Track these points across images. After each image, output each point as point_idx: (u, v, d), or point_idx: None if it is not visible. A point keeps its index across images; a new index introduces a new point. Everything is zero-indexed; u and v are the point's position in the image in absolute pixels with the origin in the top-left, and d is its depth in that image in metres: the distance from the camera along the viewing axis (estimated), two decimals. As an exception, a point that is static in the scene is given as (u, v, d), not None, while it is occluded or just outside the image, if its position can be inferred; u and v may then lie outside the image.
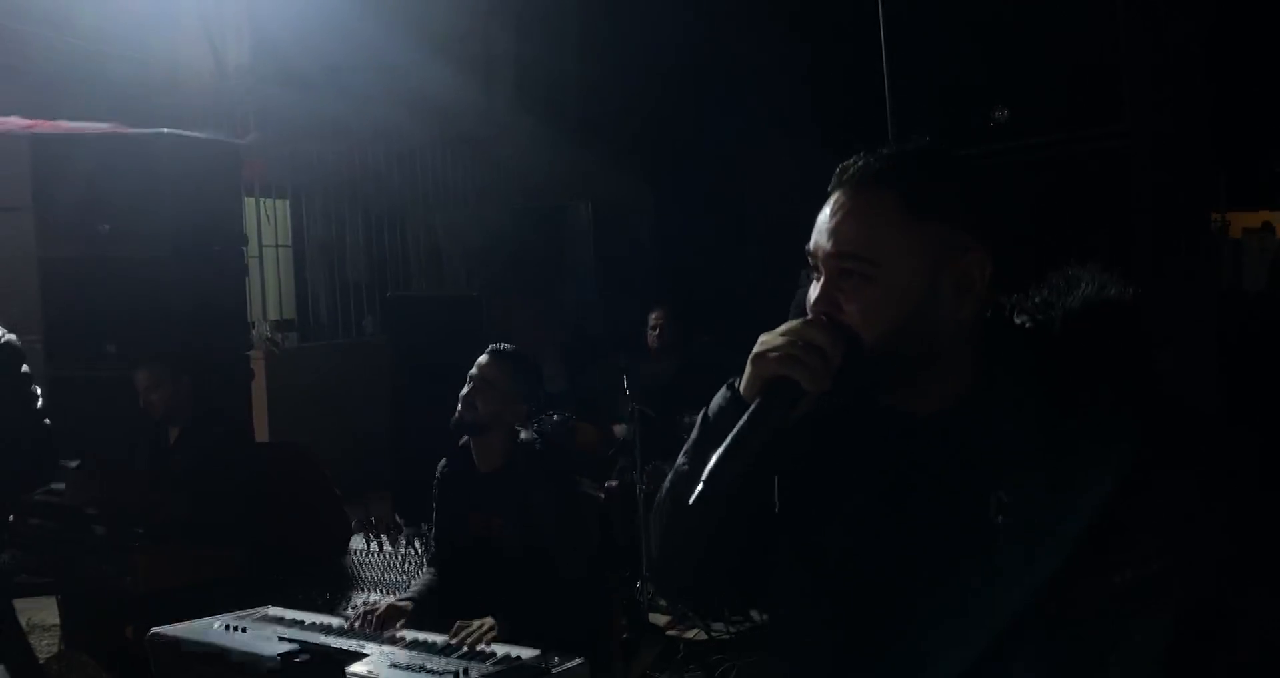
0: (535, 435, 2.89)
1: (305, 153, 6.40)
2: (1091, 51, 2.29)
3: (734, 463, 1.08)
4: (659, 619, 4.45)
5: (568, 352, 6.16)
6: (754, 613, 4.55)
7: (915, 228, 1.13)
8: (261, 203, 6.41)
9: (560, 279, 6.34)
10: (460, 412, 2.80)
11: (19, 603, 3.35)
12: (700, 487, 1.08)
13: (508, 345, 2.91)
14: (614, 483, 3.06)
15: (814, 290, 1.17)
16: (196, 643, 2.42)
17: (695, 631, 4.39)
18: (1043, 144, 2.46)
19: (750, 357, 1.15)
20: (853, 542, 1.18)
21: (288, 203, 6.78)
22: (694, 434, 1.21)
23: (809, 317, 1.17)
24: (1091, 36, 2.25)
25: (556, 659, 2.32)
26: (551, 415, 4.64)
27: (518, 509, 2.73)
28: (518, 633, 2.46)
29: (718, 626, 4.42)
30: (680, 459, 1.22)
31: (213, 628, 2.50)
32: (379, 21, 6.02)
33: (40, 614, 4.18)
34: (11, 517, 3.29)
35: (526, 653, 2.34)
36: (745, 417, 1.11)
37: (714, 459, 1.08)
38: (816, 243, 1.17)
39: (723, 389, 1.19)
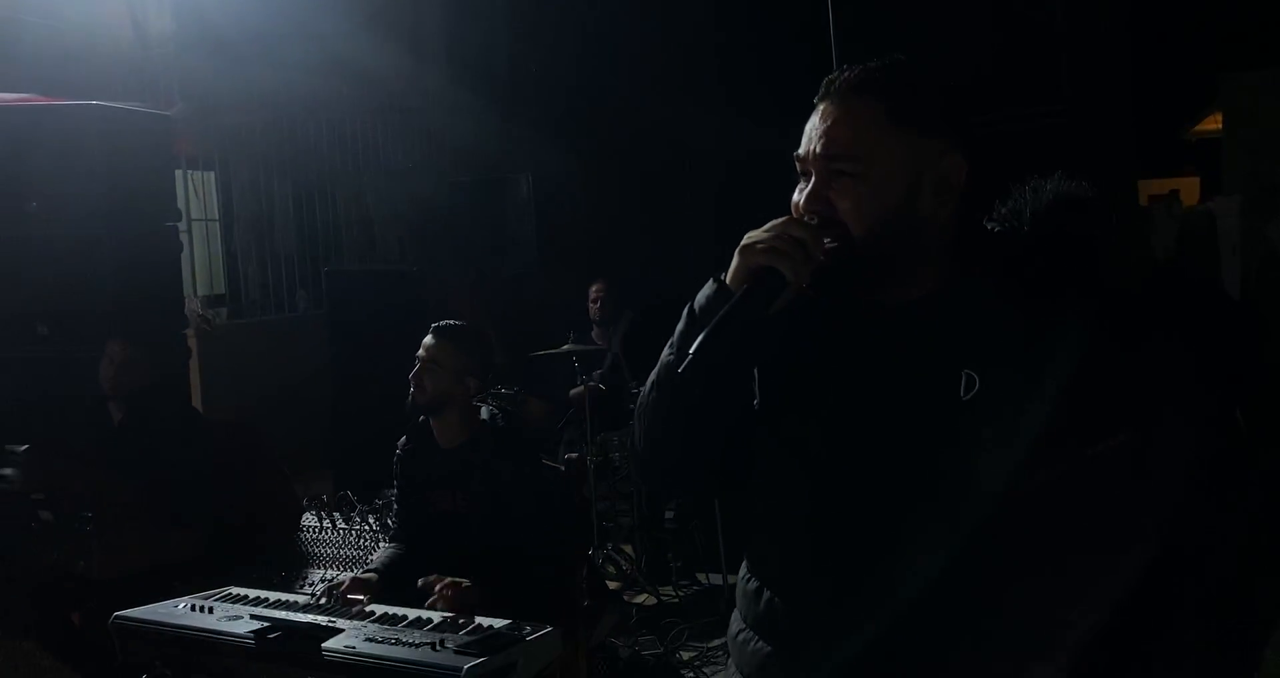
0: (495, 411, 2.92)
1: (231, 124, 6.23)
2: (1031, 33, 2.39)
3: (719, 341, 1.16)
4: (610, 586, 4.54)
5: (506, 325, 6.16)
6: (701, 577, 4.67)
7: (898, 133, 1.24)
8: (189, 176, 6.23)
9: (499, 252, 6.32)
10: (412, 394, 2.83)
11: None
12: (687, 358, 1.18)
13: (452, 321, 2.92)
14: (573, 455, 3.11)
15: (800, 193, 1.28)
16: (164, 625, 2.39)
17: (645, 596, 4.49)
18: (983, 121, 2.56)
19: (737, 248, 1.24)
20: (832, 428, 1.28)
21: (215, 175, 6.59)
22: (680, 326, 1.29)
23: (792, 216, 1.26)
24: (1030, 18, 2.36)
25: (529, 628, 2.37)
26: (500, 390, 4.66)
27: (482, 485, 2.76)
28: (485, 604, 2.50)
29: (666, 590, 4.53)
30: (665, 351, 1.30)
31: (177, 609, 2.48)
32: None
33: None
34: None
35: (499, 622, 2.38)
36: (730, 302, 1.20)
37: (700, 336, 1.17)
38: (807, 148, 1.27)
39: (708, 282, 1.27)
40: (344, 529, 3.66)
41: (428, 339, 2.85)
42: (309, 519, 3.74)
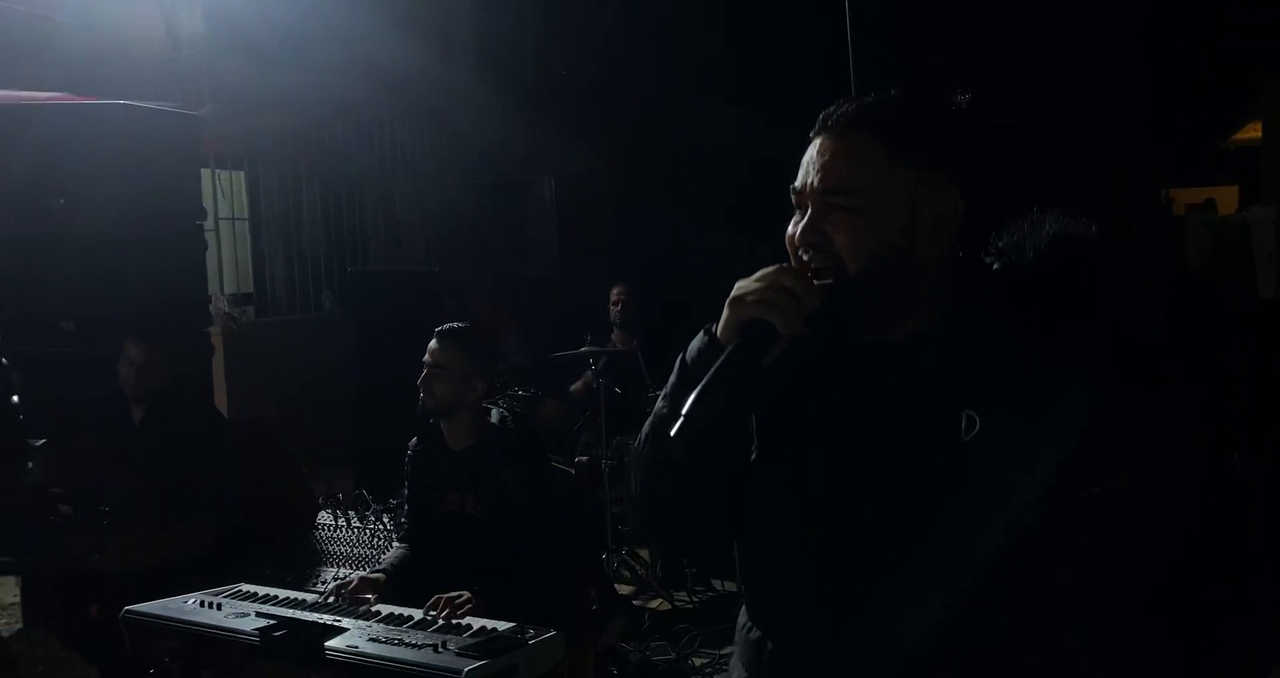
0: (505, 414, 2.92)
1: (261, 125, 6.30)
2: (1048, 41, 2.36)
3: (711, 399, 1.15)
4: (623, 590, 4.53)
5: (527, 326, 6.17)
6: (716, 583, 4.65)
7: (895, 168, 1.24)
8: (217, 175, 6.30)
9: (520, 253, 6.34)
10: (422, 399, 2.84)
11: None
12: (680, 420, 1.16)
13: (456, 324, 2.92)
14: (584, 458, 3.10)
15: (794, 226, 1.27)
16: (173, 620, 2.42)
17: (659, 601, 4.47)
18: (1001, 126, 2.53)
19: (727, 300, 1.23)
20: (828, 471, 1.26)
21: (243, 175, 6.67)
22: (672, 378, 1.28)
23: (783, 265, 1.25)
24: (1047, 27, 2.33)
25: (532, 631, 2.37)
26: (517, 391, 4.67)
27: (490, 487, 2.76)
28: (495, 608, 2.51)
29: (681, 596, 4.51)
30: (659, 403, 1.29)
31: (187, 605, 2.51)
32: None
33: None
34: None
35: (502, 625, 2.38)
36: (722, 357, 1.19)
37: (693, 396, 1.16)
38: (804, 181, 1.26)
39: (700, 334, 1.27)
40: (358, 528, 3.68)
41: (433, 344, 2.85)
42: (324, 517, 3.76)
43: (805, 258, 1.26)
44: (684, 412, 1.16)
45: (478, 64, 6.98)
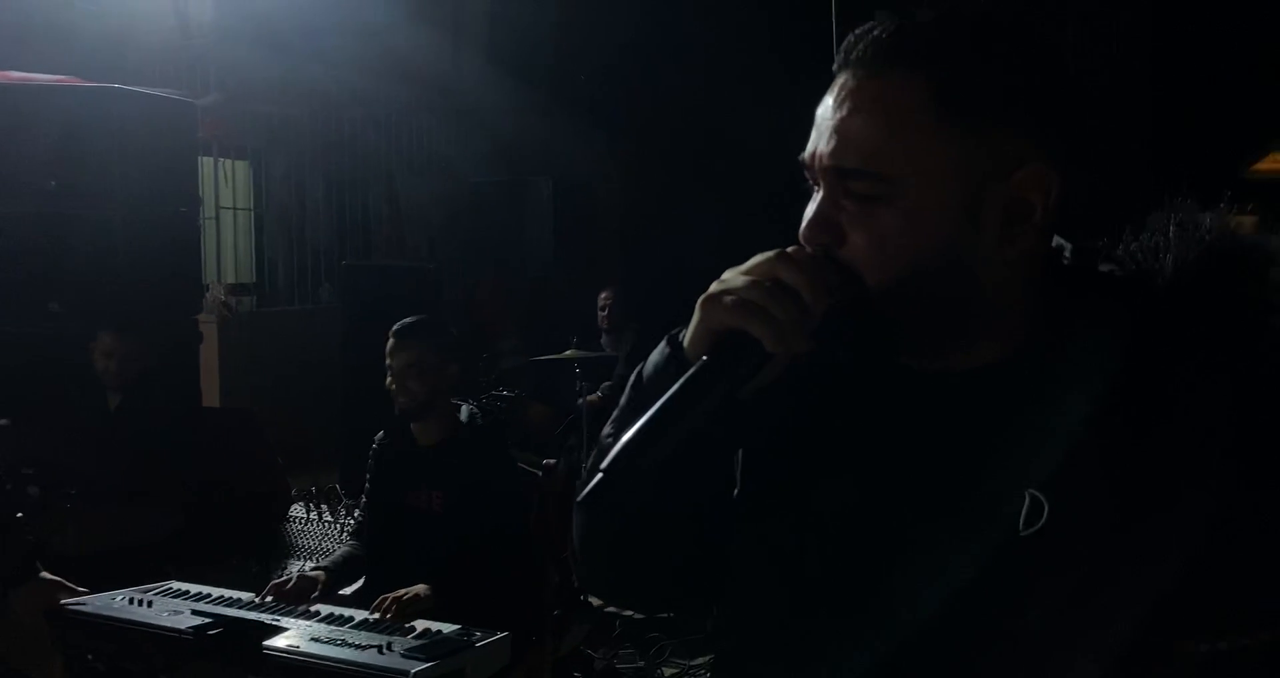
0: (475, 411, 2.89)
1: (268, 115, 6.31)
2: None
3: (653, 448, 0.78)
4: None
5: (523, 327, 6.15)
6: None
7: (952, 129, 0.81)
8: (220, 164, 6.31)
9: (517, 254, 6.32)
10: (401, 402, 2.78)
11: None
12: (595, 478, 0.79)
13: (407, 320, 2.84)
14: (553, 461, 3.06)
15: (810, 209, 0.86)
16: (101, 617, 2.34)
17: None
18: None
19: (700, 299, 0.84)
20: (832, 543, 0.88)
21: (248, 165, 6.68)
22: (623, 399, 0.93)
23: (784, 250, 0.85)
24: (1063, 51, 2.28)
25: (479, 634, 2.33)
26: (502, 391, 4.64)
27: (455, 485, 2.73)
28: (446, 608, 2.47)
29: (657, 605, 4.45)
30: (605, 428, 0.93)
31: (116, 602, 2.42)
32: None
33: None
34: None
35: (448, 627, 2.34)
36: (679, 383, 0.80)
37: (621, 442, 0.78)
38: (814, 147, 0.85)
39: (662, 343, 0.90)
40: (329, 522, 3.66)
41: (393, 345, 2.79)
42: (297, 510, 3.75)
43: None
44: (603, 466, 0.79)
45: (491, 60, 6.97)
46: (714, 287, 0.83)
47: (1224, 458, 0.79)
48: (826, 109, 0.85)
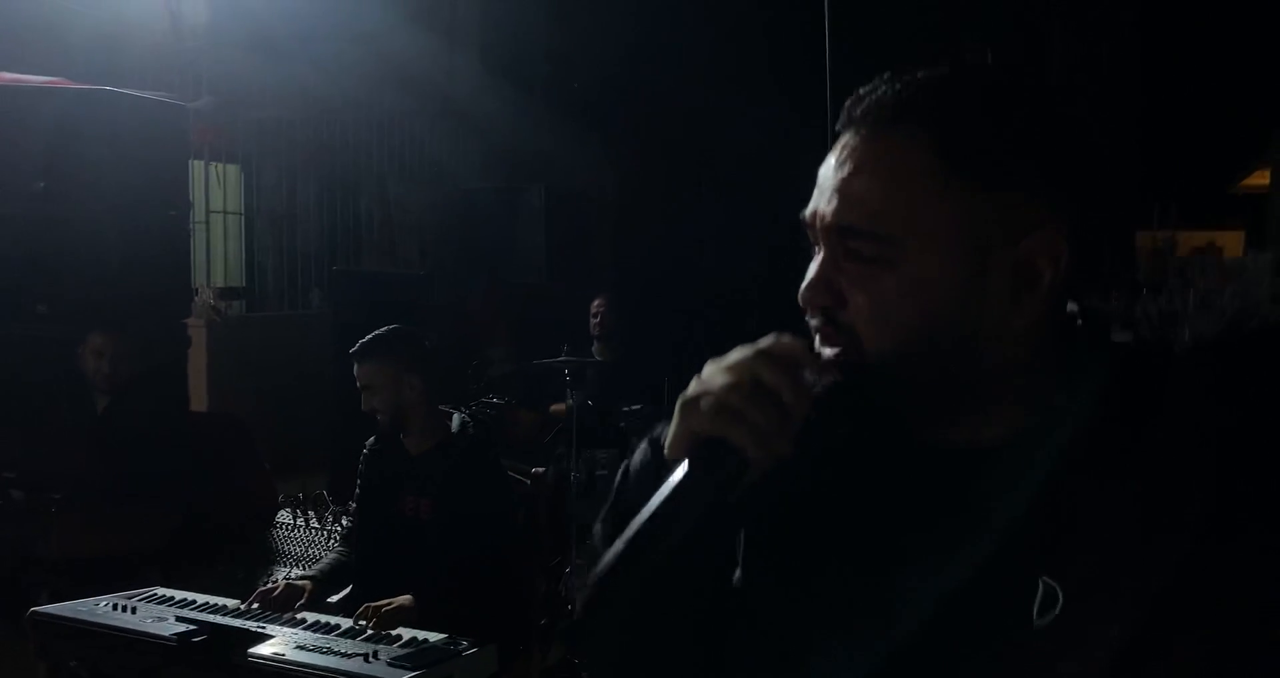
0: (467, 420, 2.88)
1: (260, 119, 6.29)
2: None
3: (634, 565, 0.76)
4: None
5: (515, 334, 6.14)
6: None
7: (959, 190, 0.78)
8: (212, 167, 6.29)
9: (509, 261, 6.31)
10: (379, 421, 2.80)
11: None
12: (588, 593, 0.78)
13: (366, 337, 2.85)
14: (541, 470, 3.05)
15: (811, 270, 0.84)
16: (83, 622, 2.33)
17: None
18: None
19: (679, 400, 0.81)
20: (842, 629, 0.83)
21: (239, 169, 6.66)
22: (610, 496, 0.92)
23: (764, 346, 0.81)
24: (1027, 57, 2.29)
25: (465, 644, 2.31)
26: (492, 399, 4.62)
27: (445, 493, 2.72)
28: (433, 616, 2.45)
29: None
30: (596, 527, 0.93)
31: (99, 607, 2.41)
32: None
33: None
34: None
35: (434, 636, 2.33)
36: (664, 491, 0.78)
37: (609, 556, 0.76)
38: (814, 207, 0.83)
39: (644, 442, 0.89)
40: (316, 529, 3.64)
41: (355, 369, 2.81)
42: (284, 517, 3.72)
43: (814, 323, 0.83)
44: (581, 606, 0.79)
45: (485, 67, 6.97)
46: (693, 387, 0.80)
47: (1235, 548, 0.76)
48: (829, 168, 0.83)
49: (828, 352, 0.82)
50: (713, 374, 0.80)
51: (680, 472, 0.78)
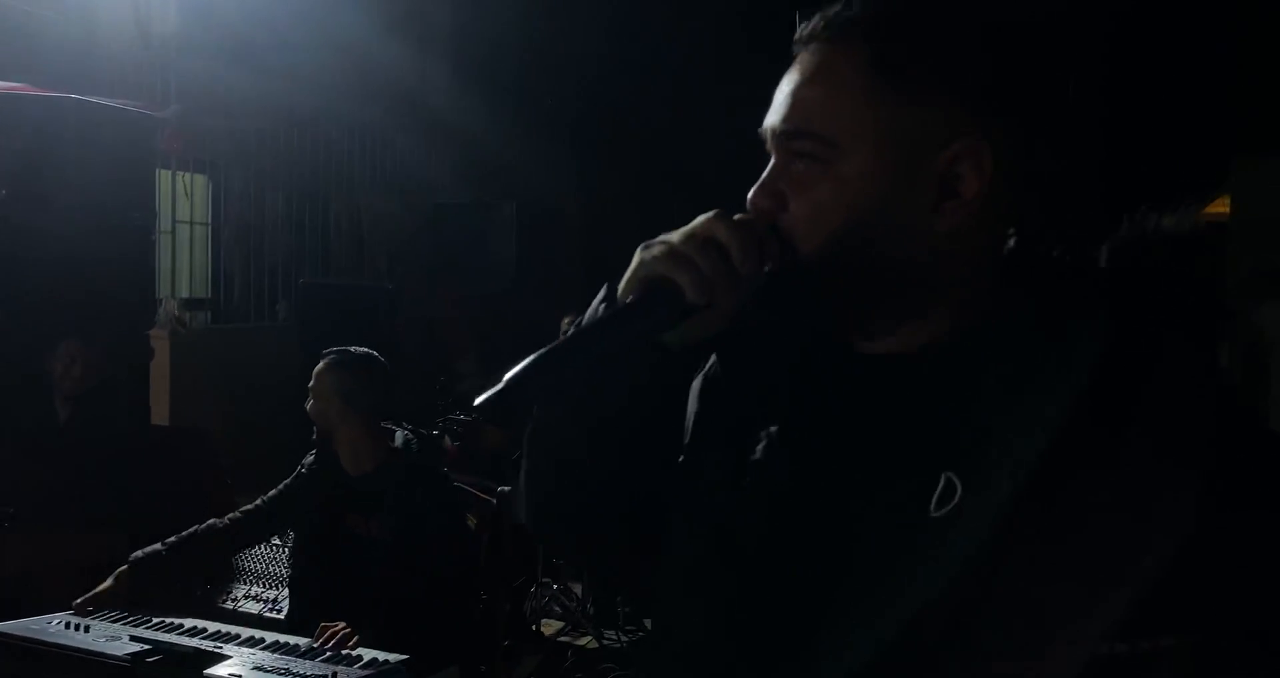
0: (410, 437, 2.85)
1: (227, 128, 6.24)
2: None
3: (560, 365, 0.82)
4: (553, 625, 4.43)
5: (485, 349, 6.11)
6: (648, 623, 4.55)
7: (887, 98, 0.84)
8: (179, 177, 6.22)
9: (479, 275, 6.28)
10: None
11: None
12: (498, 386, 0.80)
13: (335, 351, 2.88)
14: (507, 488, 3.02)
15: (763, 176, 0.90)
16: (34, 641, 2.27)
17: (587, 639, 4.38)
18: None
19: (639, 248, 0.88)
20: (770, 517, 0.89)
21: (206, 178, 6.59)
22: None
23: (723, 212, 0.88)
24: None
25: (427, 665, 2.28)
26: (460, 415, 4.59)
27: (390, 513, 2.68)
28: (383, 640, 2.41)
29: (610, 634, 4.41)
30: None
31: (51, 625, 2.37)
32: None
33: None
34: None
35: (394, 657, 2.30)
36: (600, 315, 0.88)
37: (531, 357, 0.81)
38: (768, 119, 0.89)
39: (601, 290, 0.94)
40: (276, 546, 3.58)
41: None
42: (245, 533, 3.65)
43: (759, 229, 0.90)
44: (507, 376, 0.81)
45: (457, 80, 6.96)
46: (655, 240, 0.88)
47: (1148, 457, 0.78)
48: (782, 84, 0.90)
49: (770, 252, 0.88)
50: (676, 232, 0.88)
51: (615, 308, 0.87)
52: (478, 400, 0.84)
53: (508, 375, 0.81)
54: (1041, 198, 0.91)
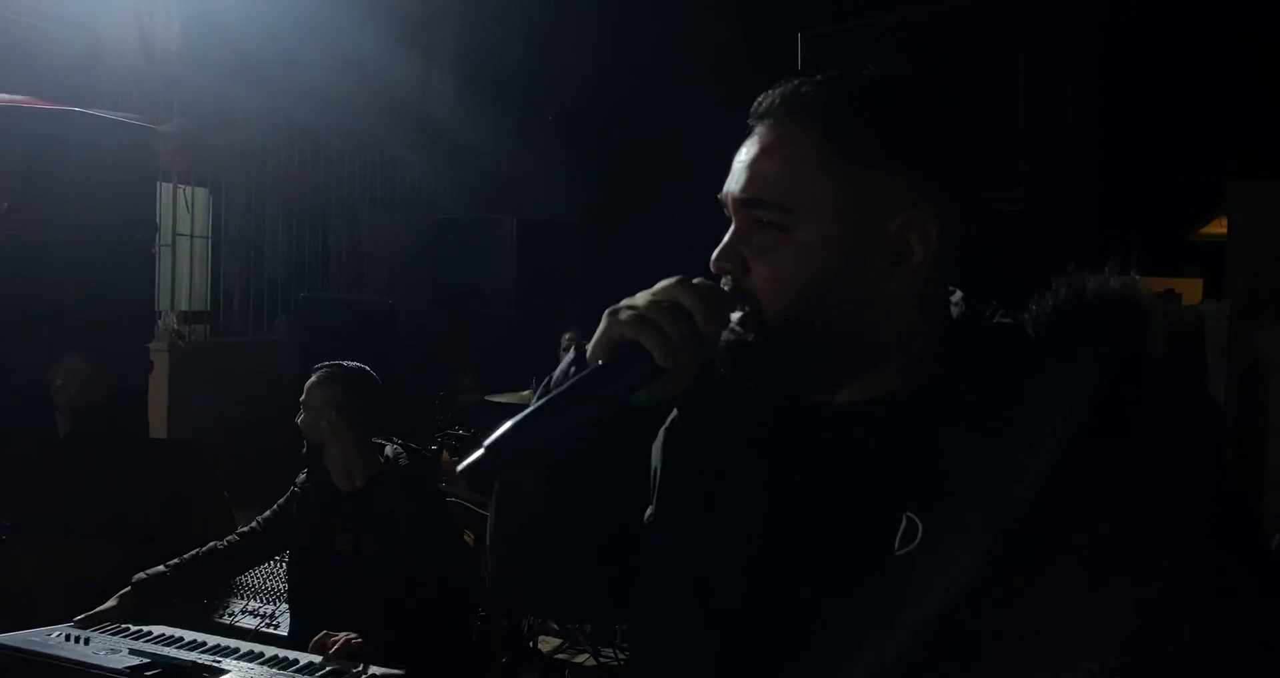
0: (400, 450, 2.84)
1: (229, 143, 6.26)
2: (993, 121, 2.37)
3: (537, 430, 0.86)
4: (550, 642, 4.41)
5: (484, 366, 6.11)
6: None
7: (840, 174, 0.91)
8: (180, 190, 6.24)
9: (479, 292, 6.29)
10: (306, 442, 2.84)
11: None
12: (480, 452, 0.85)
13: (328, 364, 2.88)
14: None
15: (723, 241, 0.96)
16: (33, 653, 2.27)
17: (585, 656, 4.36)
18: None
19: (606, 311, 0.93)
20: (744, 569, 0.93)
21: (207, 192, 6.61)
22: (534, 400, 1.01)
23: (687, 278, 0.94)
24: (993, 108, 2.34)
25: (424, 682, 2.27)
26: (458, 430, 4.59)
27: (381, 528, 2.68)
28: (380, 656, 2.40)
29: (608, 652, 4.39)
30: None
31: (51, 638, 2.36)
32: (323, 14, 5.95)
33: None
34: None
35: (394, 672, 2.29)
36: (573, 379, 0.91)
37: (509, 423, 0.85)
38: (727, 187, 0.96)
39: (570, 351, 0.99)
40: (274, 560, 3.57)
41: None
42: (242, 547, 3.64)
43: (726, 289, 0.96)
44: (486, 442, 0.85)
45: (459, 98, 7.00)
46: (621, 303, 0.93)
47: (1087, 496, 0.84)
48: (740, 155, 0.97)
49: (734, 315, 0.93)
50: (643, 295, 0.93)
51: (588, 371, 0.91)
52: (460, 466, 0.89)
53: (487, 441, 0.85)
54: (981, 260, 1.00)
